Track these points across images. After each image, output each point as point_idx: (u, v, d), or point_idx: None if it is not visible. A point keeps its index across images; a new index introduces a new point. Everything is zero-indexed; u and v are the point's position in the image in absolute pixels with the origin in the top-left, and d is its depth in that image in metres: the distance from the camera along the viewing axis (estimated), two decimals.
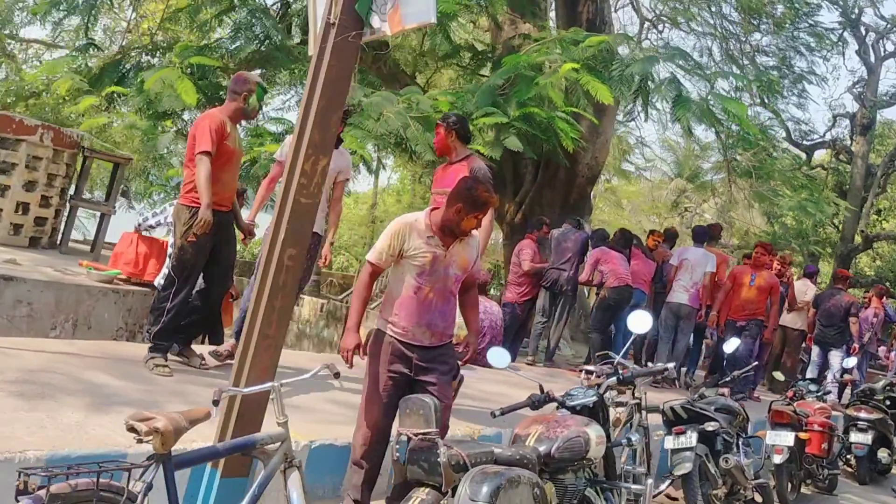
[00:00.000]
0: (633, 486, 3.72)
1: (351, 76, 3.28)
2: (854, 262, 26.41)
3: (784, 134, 22.33)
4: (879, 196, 22.03)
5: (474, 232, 3.79)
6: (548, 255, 8.84)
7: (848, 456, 8.89)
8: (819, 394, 7.94)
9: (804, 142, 23.42)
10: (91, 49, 9.24)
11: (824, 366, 10.44)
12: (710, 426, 5.43)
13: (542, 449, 3.30)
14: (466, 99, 8.94)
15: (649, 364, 9.19)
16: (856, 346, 10.31)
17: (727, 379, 6.56)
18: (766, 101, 20.04)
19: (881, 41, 21.35)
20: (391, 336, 3.61)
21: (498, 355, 3.73)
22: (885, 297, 11.30)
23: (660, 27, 17.88)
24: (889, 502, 7.94)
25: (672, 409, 5.55)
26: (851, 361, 8.80)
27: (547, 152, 9.80)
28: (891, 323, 11.70)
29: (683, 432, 5.40)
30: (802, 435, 6.91)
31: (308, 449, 3.61)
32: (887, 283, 23.53)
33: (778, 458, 6.77)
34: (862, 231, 20.52)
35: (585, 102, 8.65)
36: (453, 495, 2.75)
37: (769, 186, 18.01)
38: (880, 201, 24.31)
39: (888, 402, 9.30)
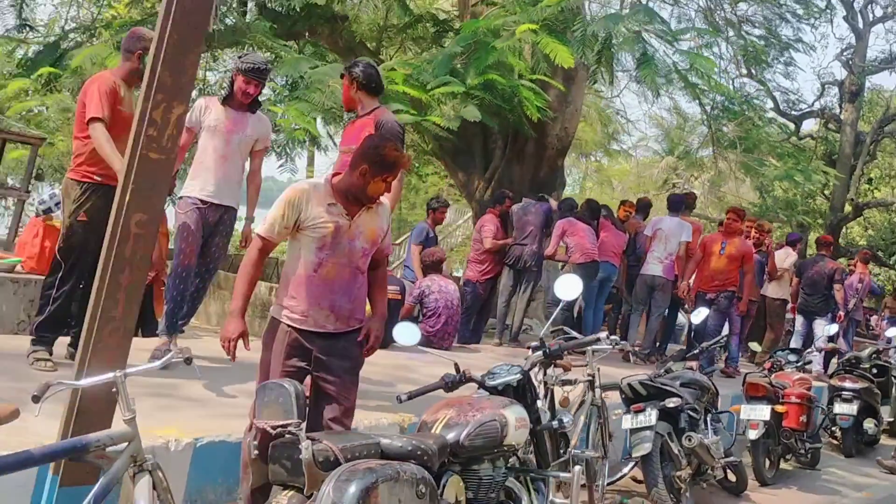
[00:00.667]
0: (562, 475, 3.28)
1: (211, 9, 2.82)
2: (846, 233, 26.01)
3: (772, 104, 21.90)
4: (869, 164, 21.56)
5: (383, 199, 3.34)
6: (511, 231, 8.39)
7: (833, 428, 8.50)
8: (799, 364, 7.53)
9: (793, 112, 22.96)
10: (26, 30, 8.76)
11: (809, 335, 10.02)
12: (671, 402, 5.00)
13: (450, 437, 2.86)
14: (423, 69, 8.45)
15: (638, 343, 8.82)
16: (840, 313, 9.89)
17: (695, 352, 6.14)
18: (752, 72, 19.64)
19: (869, 6, 20.83)
20: (288, 324, 3.13)
21: (405, 332, 3.25)
22: (869, 263, 10.86)
23: None
24: (874, 474, 7.55)
25: (630, 385, 5.12)
26: (832, 329, 8.37)
27: (512, 123, 9.34)
28: (875, 295, 11.28)
29: (642, 410, 4.98)
30: (779, 408, 6.50)
31: (192, 448, 3.16)
32: (880, 253, 23.17)
33: (753, 434, 6.36)
34: (852, 199, 20.07)
35: (545, 66, 8.17)
36: None
37: (755, 157, 17.61)
38: (871, 169, 23.87)
39: (875, 371, 8.90)
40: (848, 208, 20.58)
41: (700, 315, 6.32)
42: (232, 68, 4.58)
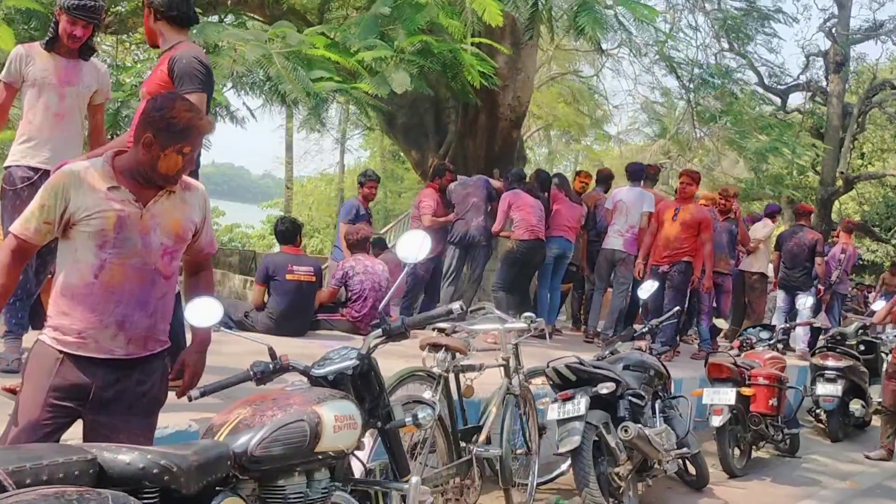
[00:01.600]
0: (393, 485, 2.52)
1: None
2: (839, 208, 25.23)
3: (756, 79, 21.12)
4: (859, 136, 20.76)
5: (198, 183, 2.56)
6: (451, 209, 7.64)
7: (817, 411, 7.76)
8: (771, 342, 6.77)
9: (778, 86, 22.18)
10: None
11: (792, 312, 9.26)
12: (604, 388, 4.24)
13: (236, 445, 2.10)
14: (350, 33, 7.67)
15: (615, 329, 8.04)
16: (821, 287, 9.12)
17: (643, 330, 5.37)
18: (734, 46, 18.87)
19: None
20: (58, 349, 2.33)
21: (200, 311, 2.47)
22: (853, 233, 10.07)
23: None
24: (860, 460, 6.80)
25: (556, 370, 4.36)
26: (807, 301, 7.59)
27: (457, 92, 8.57)
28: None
29: (570, 398, 4.23)
30: (745, 391, 5.74)
31: None
32: (876, 228, 22.37)
33: (717, 420, 5.61)
34: (842, 173, 19.27)
35: (475, 23, 7.38)
36: None
37: (737, 130, 16.85)
38: (863, 143, 23.08)
39: (862, 348, 8.14)
40: (839, 182, 19.78)
41: (648, 289, 5.56)
42: (57, 5, 3.80)
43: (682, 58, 16.85)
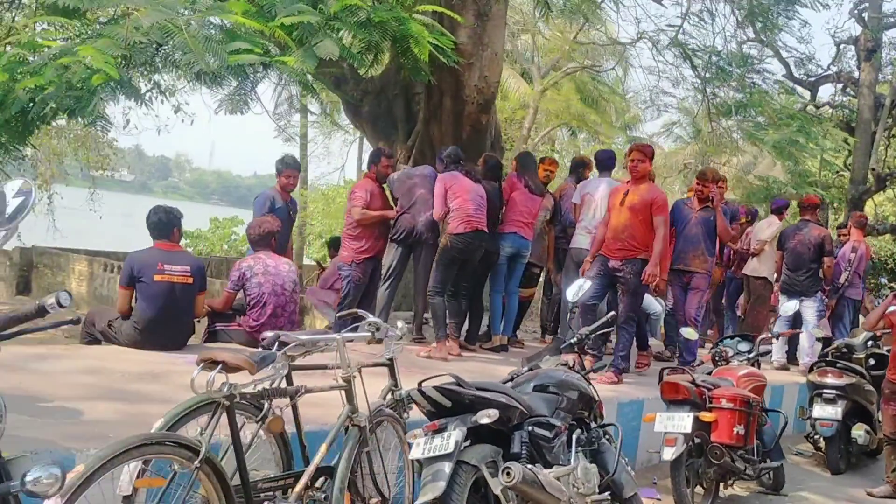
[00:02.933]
0: None
1: None
2: (875, 210, 23.67)
3: (784, 72, 19.82)
4: (893, 129, 19.29)
5: None
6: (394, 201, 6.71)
7: (815, 436, 6.67)
8: (752, 355, 5.71)
9: (809, 78, 20.83)
10: None
11: (797, 321, 8.14)
12: (485, 417, 3.28)
13: None
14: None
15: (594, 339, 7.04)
16: (827, 289, 7.97)
17: (570, 341, 4.38)
18: (763, 38, 17.68)
19: None
20: None
21: None
22: (865, 228, 8.88)
23: None
24: (860, 498, 5.72)
25: (423, 393, 3.40)
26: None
27: (407, 69, 7.62)
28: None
29: (440, 431, 3.27)
30: (705, 416, 4.71)
31: None
32: None
33: (669, 453, 4.60)
34: (873, 169, 17.83)
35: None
36: None
37: (754, 123, 15.65)
38: None
39: (872, 362, 7.01)
40: (871, 180, 18.34)
41: (575, 289, 4.56)
42: None
43: (696, 45, 15.77)
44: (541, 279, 8.13)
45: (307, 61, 6.36)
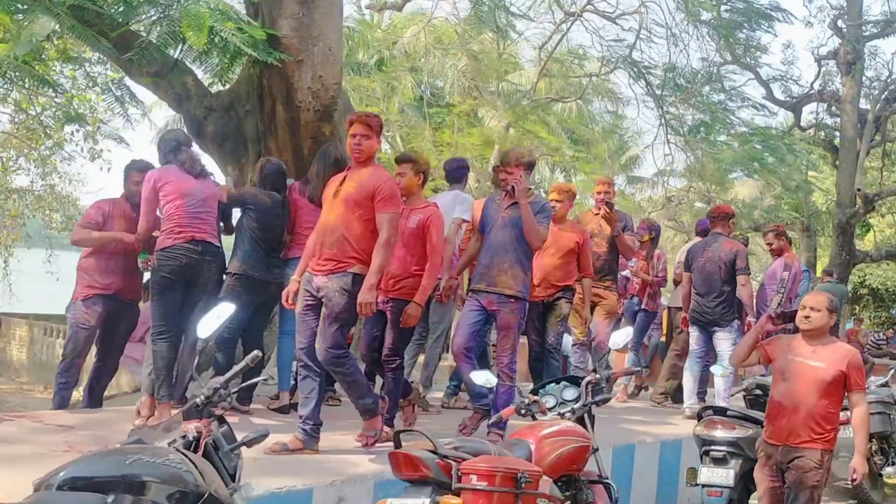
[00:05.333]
0: None
1: None
2: (863, 231, 21.79)
3: (765, 93, 18.38)
4: (874, 147, 17.68)
5: None
6: None
7: None
8: (578, 405, 4.18)
9: (791, 99, 19.39)
10: None
11: (709, 355, 6.58)
12: None
13: None
14: None
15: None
16: (749, 320, 6.38)
17: (197, 400, 2.89)
18: (746, 59, 16.43)
19: None
20: None
21: None
22: (785, 238, 7.24)
23: None
24: None
25: None
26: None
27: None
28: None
29: None
30: (448, 501, 3.16)
31: None
32: None
33: None
34: (859, 190, 16.18)
35: None
36: None
37: (713, 142, 14.22)
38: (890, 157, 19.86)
39: None
40: (858, 202, 16.67)
41: None
42: None
43: (650, 60, 14.53)
44: None
45: (19, 47, 5.11)
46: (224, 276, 5.06)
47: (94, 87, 9.91)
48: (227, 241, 5.44)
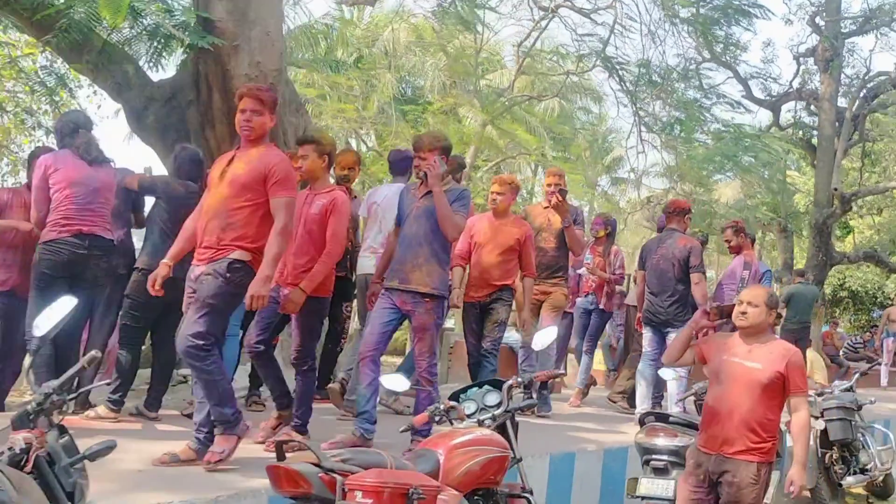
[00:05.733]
0: None
1: None
2: (854, 237, 21.69)
3: (744, 91, 18.11)
4: (853, 145, 17.45)
5: None
6: None
7: None
8: (499, 410, 3.85)
9: (770, 97, 19.14)
10: None
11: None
12: None
13: None
14: None
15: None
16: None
17: (29, 407, 2.54)
18: (725, 58, 16.20)
19: None
20: None
21: None
22: (744, 234, 6.94)
23: None
24: None
25: None
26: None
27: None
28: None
29: None
30: None
31: None
32: (894, 258, 18.75)
33: None
34: (835, 189, 15.92)
35: None
36: None
37: (686, 139, 13.94)
38: (871, 159, 19.66)
39: None
40: (836, 202, 16.42)
41: None
42: None
43: (624, 57, 14.26)
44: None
45: None
46: (133, 272, 4.72)
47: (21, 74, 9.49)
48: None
